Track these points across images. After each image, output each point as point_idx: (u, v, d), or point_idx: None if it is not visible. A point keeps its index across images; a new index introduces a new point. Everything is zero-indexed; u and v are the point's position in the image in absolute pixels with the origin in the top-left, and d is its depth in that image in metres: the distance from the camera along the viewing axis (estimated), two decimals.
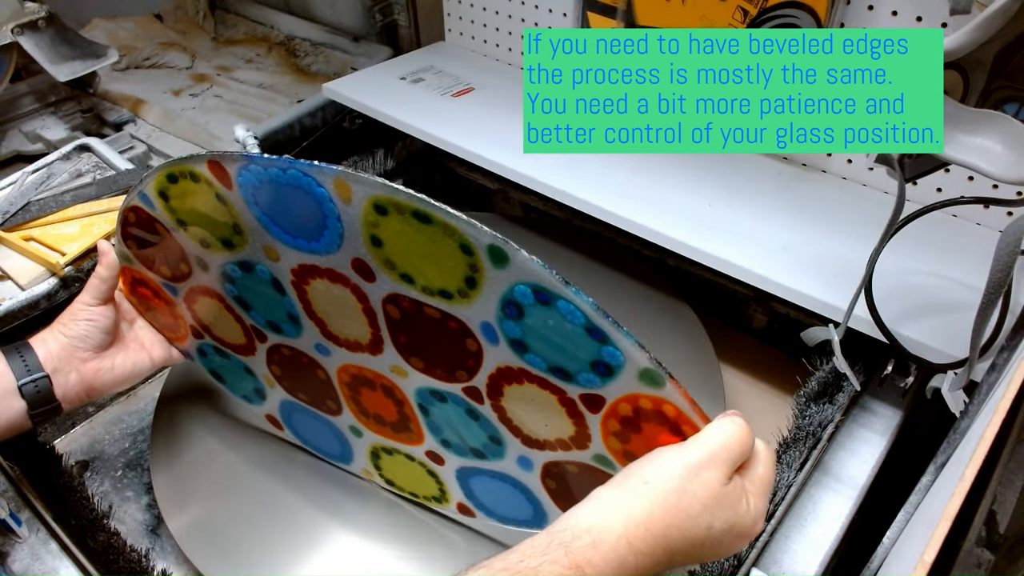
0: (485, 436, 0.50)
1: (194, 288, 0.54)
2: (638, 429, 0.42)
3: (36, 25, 0.89)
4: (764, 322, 0.82)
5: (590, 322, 0.38)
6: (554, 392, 0.44)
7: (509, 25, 0.95)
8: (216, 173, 0.45)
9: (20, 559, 0.51)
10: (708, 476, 0.35)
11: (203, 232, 0.50)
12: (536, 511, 0.53)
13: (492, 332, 0.43)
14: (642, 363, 0.39)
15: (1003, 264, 0.46)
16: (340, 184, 0.42)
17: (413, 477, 0.58)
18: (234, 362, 0.59)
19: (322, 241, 0.45)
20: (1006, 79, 0.46)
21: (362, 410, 0.56)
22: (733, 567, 0.50)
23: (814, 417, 0.58)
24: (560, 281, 0.38)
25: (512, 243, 0.38)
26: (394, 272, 0.44)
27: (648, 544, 0.33)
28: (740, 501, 0.36)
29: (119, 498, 0.66)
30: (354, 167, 0.97)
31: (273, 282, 0.50)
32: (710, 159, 0.80)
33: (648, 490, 0.35)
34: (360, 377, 0.53)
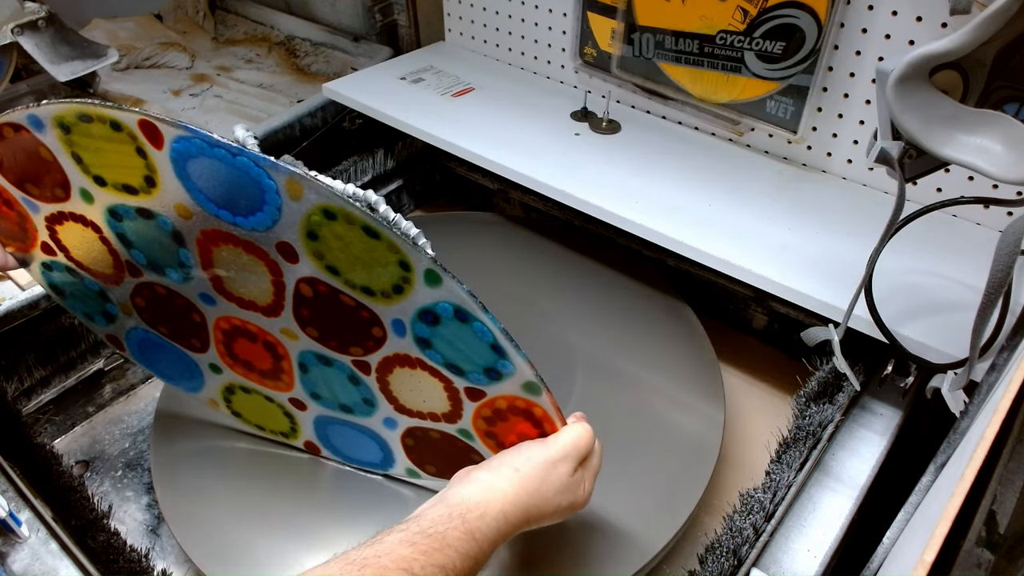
0: (359, 398, 0.55)
1: (65, 212, 0.54)
2: (505, 419, 0.50)
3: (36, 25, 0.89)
4: (764, 322, 0.82)
5: (496, 341, 0.46)
6: (442, 380, 0.50)
7: (509, 25, 0.95)
8: (146, 132, 0.45)
9: (20, 559, 0.51)
10: (562, 469, 0.47)
11: (103, 172, 0.49)
12: (386, 458, 0.60)
13: (402, 327, 0.48)
14: (528, 377, 0.47)
15: (1003, 264, 0.46)
16: (292, 184, 0.43)
17: (265, 414, 0.62)
18: (87, 283, 0.59)
19: (250, 219, 0.46)
20: (1006, 79, 0.46)
21: (231, 354, 0.58)
22: (733, 567, 0.50)
23: (814, 417, 0.58)
24: (480, 308, 0.44)
25: (448, 271, 0.43)
26: (321, 263, 0.46)
27: (516, 516, 0.44)
28: (579, 487, 0.48)
29: (119, 498, 0.66)
30: (354, 167, 0.98)
31: (174, 234, 0.50)
32: (710, 160, 0.80)
33: (518, 477, 0.46)
34: (242, 329, 0.55)
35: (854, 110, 0.73)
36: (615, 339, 0.75)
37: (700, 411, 0.67)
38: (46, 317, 0.69)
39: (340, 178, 0.84)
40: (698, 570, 0.51)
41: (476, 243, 0.90)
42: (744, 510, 0.53)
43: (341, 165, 0.93)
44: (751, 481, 0.60)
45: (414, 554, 0.39)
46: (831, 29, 0.68)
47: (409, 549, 0.39)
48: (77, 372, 0.72)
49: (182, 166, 0.45)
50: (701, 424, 0.66)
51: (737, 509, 0.53)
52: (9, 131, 0.50)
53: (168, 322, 0.59)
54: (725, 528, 0.52)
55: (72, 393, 0.72)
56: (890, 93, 0.46)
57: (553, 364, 0.73)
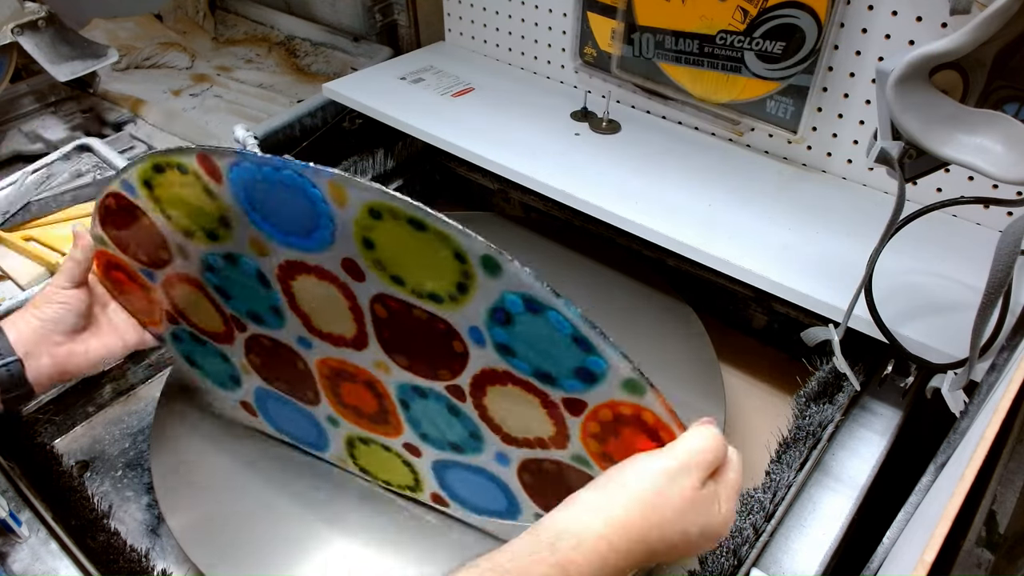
0: (465, 432, 0.51)
1: (172, 275, 0.54)
2: (617, 434, 0.43)
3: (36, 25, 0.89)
4: (764, 322, 0.82)
5: (577, 332, 0.40)
6: (537, 395, 0.45)
7: (509, 25, 0.95)
8: (206, 167, 0.45)
9: (20, 559, 0.51)
10: (684, 482, 0.37)
11: (187, 222, 0.49)
12: (510, 503, 0.54)
13: (480, 335, 0.44)
14: (625, 373, 0.41)
15: (1003, 264, 0.46)
16: (335, 187, 0.42)
17: (388, 466, 0.59)
18: (210, 349, 0.59)
19: (313, 239, 0.45)
20: (1006, 79, 0.46)
21: (341, 401, 0.57)
22: (733, 567, 0.50)
23: (814, 417, 0.58)
24: (551, 292, 0.39)
25: (505, 254, 0.39)
26: (384, 273, 0.45)
27: (627, 544, 0.35)
28: (712, 505, 0.38)
29: (119, 498, 0.66)
30: (354, 167, 0.98)
31: (258, 275, 0.50)
32: (710, 160, 0.80)
33: (627, 494, 0.36)
34: (341, 371, 0.54)
35: (854, 110, 0.73)
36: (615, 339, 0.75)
37: (700, 411, 0.67)
38: None
39: None
40: (698, 570, 0.51)
41: None
42: (744, 510, 0.53)
43: (341, 165, 0.92)
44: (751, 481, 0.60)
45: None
46: (831, 29, 0.68)
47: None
48: None
49: (243, 196, 0.45)
50: None
51: (737, 509, 0.53)
52: (112, 202, 0.51)
53: (281, 374, 0.58)
54: None
55: (72, 393, 0.72)
56: (890, 93, 0.46)
57: None
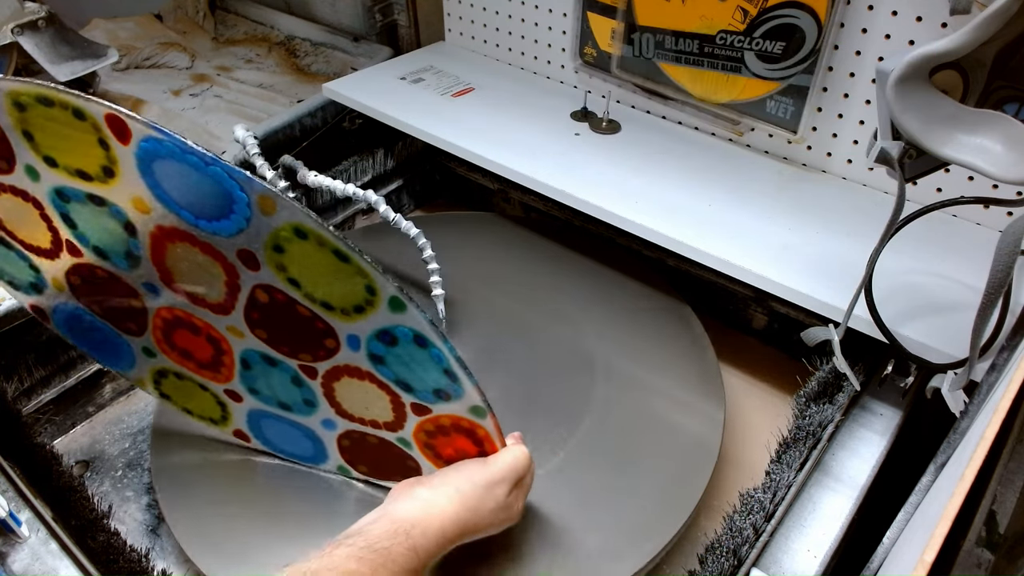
0: (300, 398, 0.56)
1: (4, 184, 0.53)
2: (447, 434, 0.52)
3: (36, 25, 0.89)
4: (764, 322, 0.82)
5: (450, 367, 0.47)
6: (389, 394, 0.51)
7: (509, 25, 0.95)
8: (113, 126, 0.44)
9: (20, 559, 0.51)
10: (499, 491, 0.50)
11: (56, 154, 0.48)
12: (318, 454, 0.61)
13: (357, 342, 0.49)
14: (475, 401, 0.49)
15: (1003, 264, 0.46)
16: (264, 200, 0.43)
17: (195, 399, 0.62)
18: (17, 254, 0.58)
19: (214, 224, 0.46)
20: (1006, 79, 0.46)
21: (169, 342, 0.57)
22: (733, 567, 0.50)
23: (814, 417, 0.58)
24: (440, 337, 0.45)
25: (413, 300, 0.44)
26: (283, 274, 0.46)
27: (454, 532, 0.47)
28: (514, 506, 0.51)
29: (119, 498, 0.66)
30: (354, 167, 0.98)
31: (126, 225, 0.49)
32: (710, 160, 0.80)
33: (459, 497, 0.48)
34: (186, 321, 0.54)
35: (854, 110, 0.73)
36: (615, 339, 0.75)
37: (700, 411, 0.67)
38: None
39: (340, 178, 0.84)
40: (698, 570, 0.51)
41: (476, 243, 0.90)
42: (744, 510, 0.53)
43: (341, 165, 0.92)
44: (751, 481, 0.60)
45: (361, 568, 0.41)
46: (831, 29, 0.68)
47: (356, 563, 0.41)
48: (77, 372, 0.72)
49: (147, 164, 0.45)
50: (701, 424, 0.66)
51: (737, 509, 0.53)
52: None
53: (103, 304, 0.58)
54: (725, 528, 0.52)
55: (72, 393, 0.72)
56: (890, 93, 0.46)
57: (553, 364, 0.73)
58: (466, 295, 0.80)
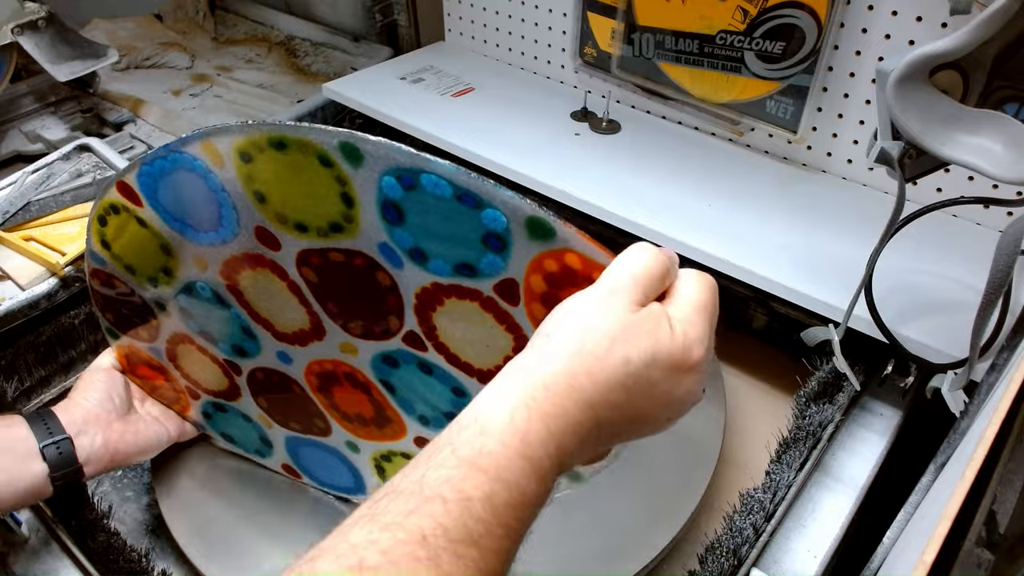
0: (448, 390, 0.47)
1: (167, 338, 0.54)
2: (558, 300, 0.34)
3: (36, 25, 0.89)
4: (764, 322, 0.82)
5: (457, 188, 0.35)
6: (472, 298, 0.40)
7: (509, 25, 0.95)
8: (126, 195, 0.45)
9: (20, 559, 0.51)
10: (614, 304, 0.29)
11: (145, 267, 0.49)
12: None
13: (391, 252, 0.41)
14: (526, 212, 0.34)
15: (1003, 264, 0.46)
16: (208, 146, 0.41)
17: None
18: (232, 413, 0.59)
19: (225, 227, 0.45)
20: (1006, 79, 0.46)
21: (343, 414, 0.55)
22: (733, 567, 0.50)
23: (814, 417, 0.58)
24: (412, 153, 0.35)
25: (359, 134, 0.36)
26: (287, 225, 0.43)
27: (554, 404, 0.26)
28: (659, 325, 0.30)
29: (119, 498, 0.66)
30: None
31: (215, 296, 0.50)
32: (710, 160, 0.80)
33: (550, 343, 0.28)
34: (323, 373, 0.53)
35: (854, 110, 0.73)
36: None
37: (700, 411, 0.67)
38: (46, 317, 0.69)
39: None
40: (698, 570, 0.51)
41: None
42: (744, 510, 0.53)
43: None
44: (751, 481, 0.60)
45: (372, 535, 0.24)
46: (831, 29, 0.68)
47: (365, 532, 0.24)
48: (77, 372, 0.72)
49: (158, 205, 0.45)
50: (701, 424, 0.66)
51: (737, 509, 0.53)
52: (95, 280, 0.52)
53: (288, 409, 0.57)
54: (725, 528, 0.52)
55: None
56: (890, 93, 0.46)
57: None
58: None
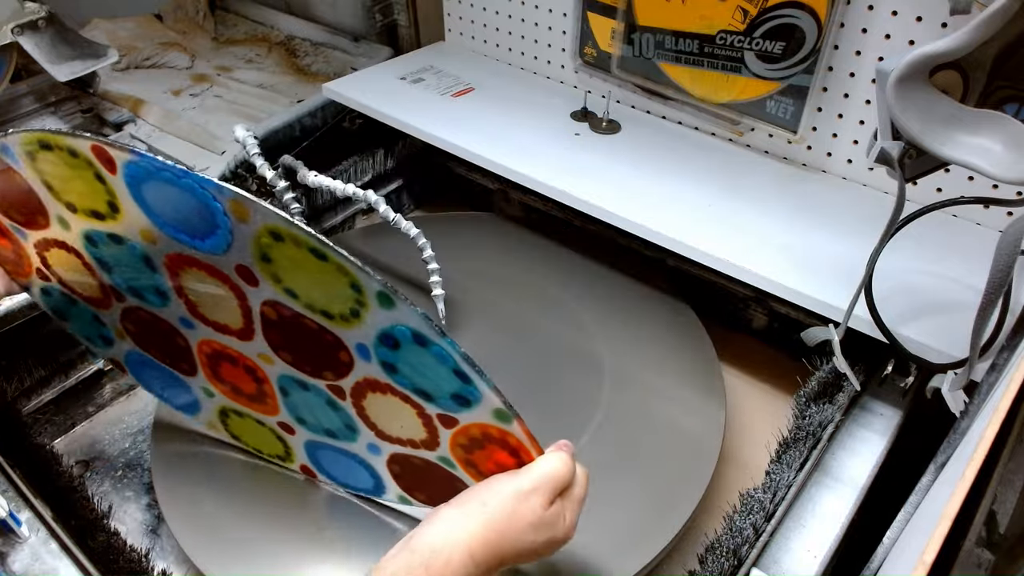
0: (341, 423, 0.54)
1: (49, 239, 0.53)
2: (482, 447, 0.48)
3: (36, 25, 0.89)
4: (764, 322, 0.82)
5: (458, 367, 0.44)
6: (414, 407, 0.49)
7: (509, 25, 0.95)
8: (100, 156, 0.44)
9: (20, 559, 0.51)
10: (534, 501, 0.43)
11: (73, 198, 0.49)
12: (377, 485, 0.59)
13: (366, 352, 0.47)
14: (496, 404, 0.45)
15: (1003, 264, 0.46)
16: (237, 206, 0.42)
17: (260, 437, 0.61)
18: (83, 308, 0.59)
19: (207, 242, 0.45)
20: (1006, 79, 0.46)
21: (219, 378, 0.57)
22: (733, 567, 0.50)
23: (814, 417, 0.58)
24: (438, 333, 0.42)
25: (400, 292, 0.42)
26: (279, 285, 0.46)
27: (486, 556, 0.41)
28: (559, 520, 0.44)
29: (119, 498, 0.66)
30: (354, 167, 0.98)
31: (145, 259, 0.50)
32: (710, 160, 0.80)
33: (486, 512, 0.42)
34: (223, 353, 0.54)
35: (854, 110, 0.73)
36: (615, 339, 0.75)
37: (700, 411, 0.67)
38: (46, 317, 0.69)
39: (340, 178, 0.84)
40: (698, 570, 0.51)
41: (476, 243, 0.90)
42: (744, 510, 0.53)
43: (341, 165, 0.92)
44: (751, 481, 0.60)
45: None
46: (831, 29, 0.68)
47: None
48: (77, 372, 0.72)
49: (137, 190, 0.45)
50: (701, 424, 0.66)
51: (737, 509, 0.53)
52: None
53: (158, 346, 0.58)
54: (725, 528, 0.52)
55: (72, 393, 0.72)
56: (890, 93, 0.46)
57: (553, 364, 0.73)
58: (466, 295, 0.80)
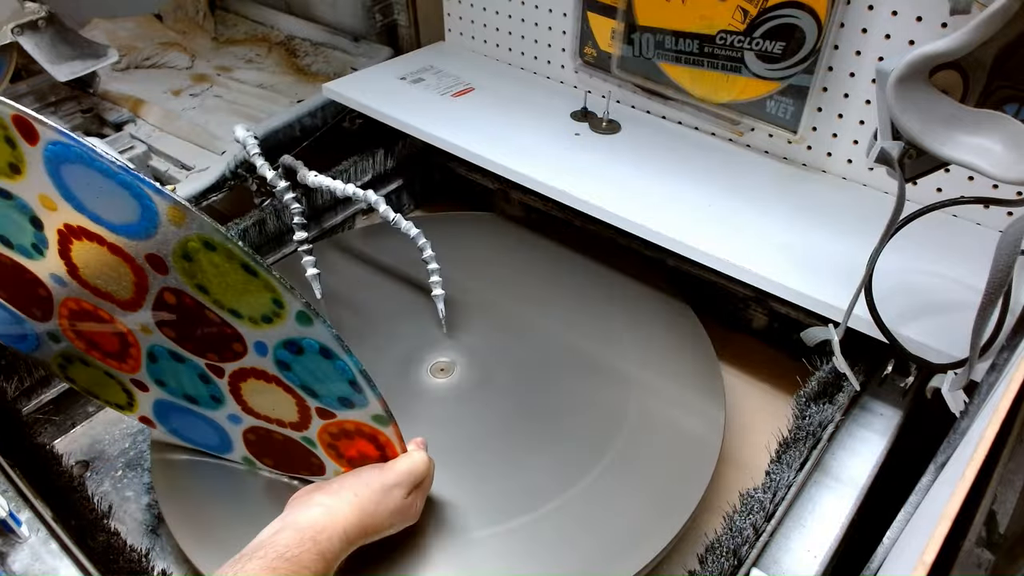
0: (207, 394, 0.56)
1: None
2: (351, 438, 0.54)
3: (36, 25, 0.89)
4: (764, 322, 0.82)
5: (355, 379, 0.49)
6: (295, 397, 0.52)
7: (509, 25, 0.95)
8: (20, 126, 0.44)
9: (20, 559, 0.51)
10: (396, 493, 0.52)
11: None
12: (223, 444, 0.61)
13: (264, 348, 0.49)
14: (378, 411, 0.51)
15: (1003, 264, 0.46)
16: (174, 212, 0.43)
17: (100, 385, 0.62)
18: None
19: (122, 228, 0.45)
20: (1006, 79, 0.46)
21: (75, 330, 0.57)
22: (733, 567, 0.50)
23: (814, 417, 0.58)
24: (345, 350, 0.47)
25: (319, 315, 0.45)
26: (191, 281, 0.46)
27: (356, 533, 0.50)
28: (411, 507, 0.54)
29: (119, 498, 0.66)
30: (354, 167, 0.98)
31: (32, 219, 0.49)
32: (710, 160, 0.80)
33: (357, 501, 0.51)
34: (92, 313, 0.54)
35: (854, 110, 0.73)
36: (615, 339, 0.75)
37: (700, 411, 0.67)
38: None
39: (340, 178, 0.84)
40: (698, 570, 0.51)
41: (476, 243, 0.90)
42: (744, 510, 0.53)
43: (341, 165, 0.92)
44: (751, 481, 0.60)
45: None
46: (831, 29, 0.68)
47: (271, 574, 0.44)
48: None
49: (55, 166, 0.45)
50: (701, 424, 0.66)
51: (737, 509, 0.53)
52: None
53: (9, 288, 0.57)
54: (725, 528, 0.52)
55: (72, 393, 0.72)
56: (890, 93, 0.46)
57: (552, 364, 0.73)
58: (466, 295, 0.80)
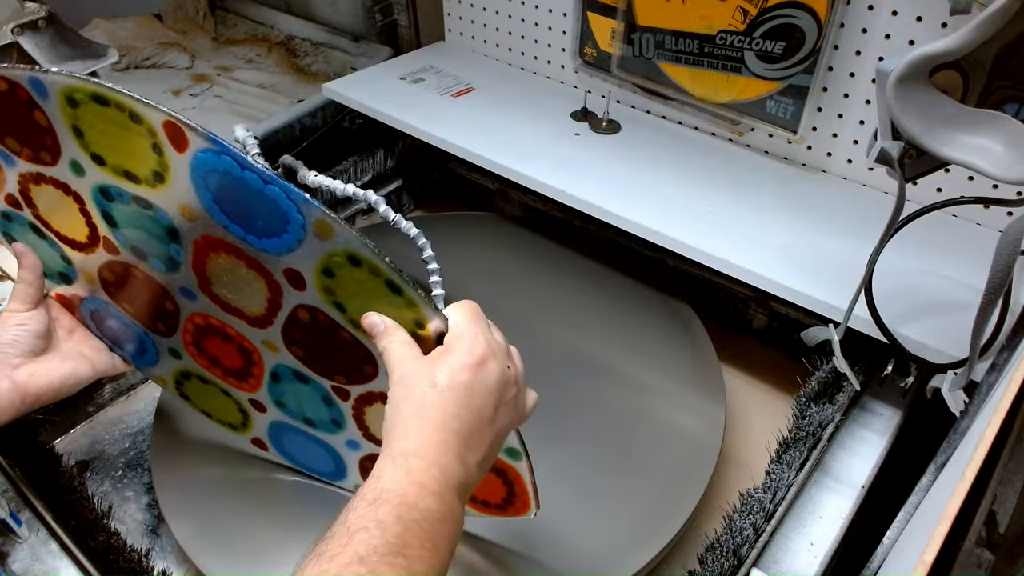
0: (328, 418, 0.55)
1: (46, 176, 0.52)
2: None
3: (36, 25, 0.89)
4: (764, 322, 0.82)
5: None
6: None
7: (509, 25, 0.95)
8: (170, 133, 0.43)
9: (20, 559, 0.51)
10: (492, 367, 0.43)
11: (104, 153, 0.47)
12: (337, 472, 0.60)
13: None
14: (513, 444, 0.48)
15: (1003, 264, 0.46)
16: (322, 225, 0.42)
17: (216, 403, 0.61)
18: (49, 243, 0.57)
19: (263, 241, 0.45)
20: (1006, 79, 0.46)
21: (198, 346, 0.56)
22: (733, 567, 0.50)
23: (814, 417, 0.58)
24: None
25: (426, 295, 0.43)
26: (329, 297, 0.45)
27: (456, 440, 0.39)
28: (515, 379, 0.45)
29: (119, 498, 0.66)
30: (354, 167, 0.97)
31: (170, 230, 0.49)
32: (710, 160, 0.80)
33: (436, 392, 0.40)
34: (219, 329, 0.53)
35: (854, 110, 0.73)
36: (615, 339, 0.75)
37: (700, 411, 0.67)
38: None
39: (340, 178, 0.84)
40: (698, 570, 0.51)
41: (476, 243, 0.90)
42: (744, 510, 0.53)
43: (341, 165, 0.92)
44: (751, 481, 0.60)
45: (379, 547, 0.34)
46: (831, 29, 0.68)
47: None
48: None
49: (201, 175, 0.44)
50: (701, 424, 0.66)
51: (737, 509, 0.53)
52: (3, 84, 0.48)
53: (135, 302, 0.57)
54: (725, 528, 0.52)
55: None
56: (890, 93, 0.46)
57: (552, 364, 0.73)
58: (466, 295, 0.79)
